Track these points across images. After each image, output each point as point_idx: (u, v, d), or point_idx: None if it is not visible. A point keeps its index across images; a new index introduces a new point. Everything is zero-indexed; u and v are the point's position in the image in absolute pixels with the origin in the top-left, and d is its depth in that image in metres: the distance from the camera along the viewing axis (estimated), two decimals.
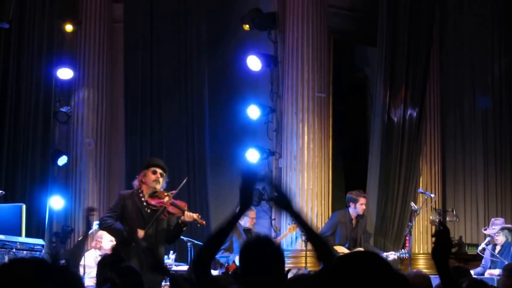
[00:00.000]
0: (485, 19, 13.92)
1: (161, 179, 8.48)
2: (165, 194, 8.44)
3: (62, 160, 13.10)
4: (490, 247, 11.02)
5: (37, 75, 12.46)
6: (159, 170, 8.47)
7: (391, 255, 11.29)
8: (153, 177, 8.43)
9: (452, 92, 14.07)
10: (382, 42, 12.87)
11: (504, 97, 13.89)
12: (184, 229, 8.49)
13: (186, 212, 8.39)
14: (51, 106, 12.79)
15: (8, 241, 8.84)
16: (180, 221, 8.38)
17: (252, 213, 11.46)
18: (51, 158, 12.79)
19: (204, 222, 8.66)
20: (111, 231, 8.58)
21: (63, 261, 2.70)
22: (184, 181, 8.71)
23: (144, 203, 8.37)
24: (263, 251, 4.09)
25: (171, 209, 8.40)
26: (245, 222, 11.31)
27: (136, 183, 8.53)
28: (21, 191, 12.02)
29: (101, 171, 13.24)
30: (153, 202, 8.39)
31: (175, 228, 8.47)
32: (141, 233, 8.14)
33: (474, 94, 14.05)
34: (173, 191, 8.50)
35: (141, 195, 8.39)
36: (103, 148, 13.33)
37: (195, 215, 8.45)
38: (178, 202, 8.48)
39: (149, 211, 8.35)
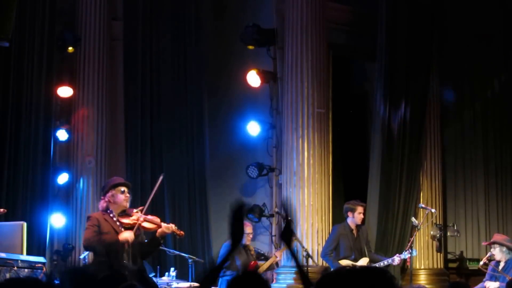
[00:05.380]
0: (484, 33, 13.94)
1: (128, 196, 8.50)
2: (135, 211, 8.45)
3: (63, 178, 13.10)
4: (493, 262, 11.00)
5: (37, 93, 12.48)
6: (126, 189, 8.47)
7: (396, 258, 11.25)
8: (122, 196, 8.42)
9: (452, 106, 14.08)
10: (381, 57, 12.88)
11: (505, 111, 13.89)
12: (161, 242, 8.56)
13: (163, 225, 8.41)
14: (51, 124, 12.80)
15: (9, 259, 8.83)
16: (157, 234, 8.39)
17: (248, 228, 11.45)
18: (52, 176, 12.79)
19: (182, 233, 8.67)
20: (102, 244, 8.29)
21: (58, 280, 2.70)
22: (160, 179, 8.64)
23: (117, 223, 8.35)
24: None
25: (146, 224, 8.41)
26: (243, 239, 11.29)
27: (102, 204, 8.46)
28: (22, 209, 12.02)
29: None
30: (125, 220, 8.37)
31: (153, 243, 8.49)
32: (130, 235, 8.11)
33: (474, 109, 14.07)
34: (141, 207, 8.50)
35: (111, 215, 8.36)
36: (103, 165, 13.31)
37: (173, 226, 8.47)
38: (150, 217, 8.49)
39: (123, 230, 8.32)
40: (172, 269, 11.14)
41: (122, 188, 8.42)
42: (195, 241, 12.95)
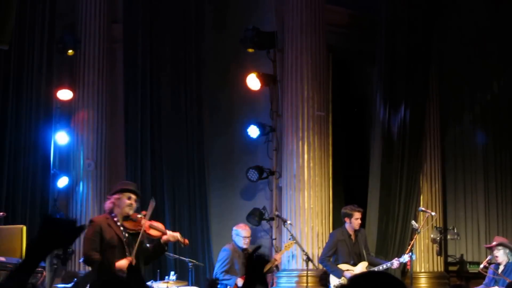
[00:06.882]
0: (484, 35, 13.93)
1: (134, 204, 8.33)
2: (138, 216, 8.30)
3: (63, 181, 13.08)
4: (493, 266, 10.99)
5: (37, 96, 12.46)
6: (133, 196, 8.32)
7: (395, 262, 11.24)
8: (127, 202, 8.26)
9: (452, 109, 14.08)
10: (381, 59, 12.90)
11: (504, 114, 13.88)
12: (166, 249, 8.47)
13: (169, 233, 8.32)
14: (51, 127, 12.78)
15: (9, 263, 8.81)
16: (162, 241, 8.29)
17: (245, 232, 11.45)
18: (52, 180, 12.76)
19: (187, 241, 8.60)
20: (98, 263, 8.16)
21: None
22: (152, 205, 8.50)
23: (121, 228, 8.20)
24: None
25: (151, 231, 8.28)
26: (238, 241, 11.34)
27: (108, 205, 8.27)
28: (21, 212, 11.99)
29: (101, 193, 13.19)
30: (130, 226, 8.24)
31: (157, 250, 8.38)
32: (125, 262, 7.93)
33: (473, 112, 14.06)
34: (144, 212, 8.35)
35: (115, 219, 8.16)
36: (103, 169, 13.29)
37: (178, 235, 8.39)
38: (155, 224, 8.37)
39: (127, 235, 8.18)
40: (172, 273, 11.12)
41: (129, 195, 8.30)
42: (195, 244, 12.92)
